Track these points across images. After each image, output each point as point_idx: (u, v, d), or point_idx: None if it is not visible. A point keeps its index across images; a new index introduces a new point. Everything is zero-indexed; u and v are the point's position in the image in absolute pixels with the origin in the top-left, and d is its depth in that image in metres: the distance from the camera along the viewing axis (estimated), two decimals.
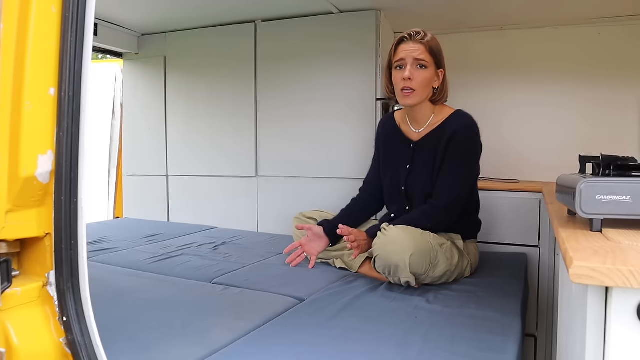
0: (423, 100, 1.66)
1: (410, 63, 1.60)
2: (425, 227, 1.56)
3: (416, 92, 1.62)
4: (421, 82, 1.61)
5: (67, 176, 0.68)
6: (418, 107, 1.68)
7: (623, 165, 0.82)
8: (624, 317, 0.56)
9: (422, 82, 1.61)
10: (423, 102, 1.67)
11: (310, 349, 1.06)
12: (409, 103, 1.64)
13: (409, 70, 1.60)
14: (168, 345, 1.06)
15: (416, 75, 1.61)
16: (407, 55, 1.61)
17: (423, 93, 1.63)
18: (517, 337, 1.14)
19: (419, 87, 1.61)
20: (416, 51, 1.60)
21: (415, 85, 1.61)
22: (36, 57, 0.65)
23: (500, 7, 2.27)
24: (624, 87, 2.33)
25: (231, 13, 2.48)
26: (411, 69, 1.60)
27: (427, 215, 1.62)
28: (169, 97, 2.82)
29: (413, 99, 1.63)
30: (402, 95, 1.64)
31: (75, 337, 0.69)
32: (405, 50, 1.62)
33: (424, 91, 1.63)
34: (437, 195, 1.65)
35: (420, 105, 1.68)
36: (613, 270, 0.54)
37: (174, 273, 1.70)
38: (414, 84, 1.61)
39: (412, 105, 1.66)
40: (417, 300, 1.41)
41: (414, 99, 1.63)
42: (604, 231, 0.79)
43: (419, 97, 1.63)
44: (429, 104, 1.70)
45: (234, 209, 2.68)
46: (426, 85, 1.63)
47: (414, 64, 1.61)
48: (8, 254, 0.67)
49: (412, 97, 1.62)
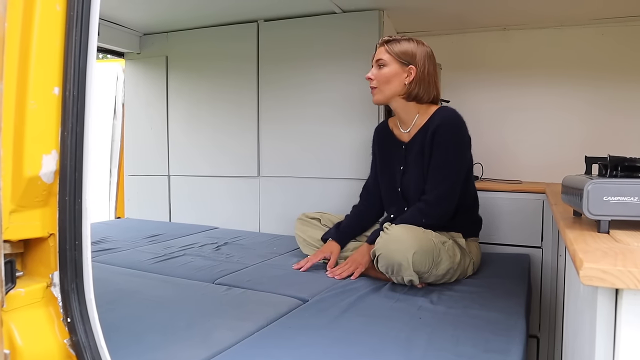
0: (390, 96, 1.72)
1: (374, 65, 1.73)
2: (421, 223, 1.58)
3: (378, 88, 1.72)
4: (380, 78, 1.71)
5: (72, 176, 0.68)
6: (399, 107, 1.74)
7: (631, 166, 0.82)
8: (635, 319, 0.55)
9: (381, 78, 1.70)
10: (394, 99, 1.73)
11: (313, 350, 1.05)
12: (375, 100, 1.75)
13: (371, 72, 1.73)
14: (172, 347, 1.06)
15: (376, 73, 1.72)
16: (373, 60, 1.75)
17: (385, 89, 1.71)
18: (522, 338, 1.14)
19: (379, 84, 1.71)
20: (378, 54, 1.73)
21: (376, 83, 1.72)
22: (40, 56, 0.64)
23: (504, 8, 2.26)
24: (628, 88, 2.32)
25: (233, 13, 2.48)
26: (373, 70, 1.73)
27: (421, 211, 1.63)
28: (170, 97, 2.82)
29: (377, 95, 1.73)
30: (372, 94, 1.76)
31: (80, 338, 0.68)
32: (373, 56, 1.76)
33: (386, 87, 1.71)
34: (428, 191, 1.67)
35: (401, 105, 1.73)
36: (624, 272, 0.53)
37: (176, 273, 1.69)
38: (375, 82, 1.72)
39: (378, 102, 1.77)
40: (421, 300, 1.40)
41: (378, 95, 1.73)
42: (612, 232, 0.78)
43: (381, 93, 1.72)
44: (413, 104, 1.73)
45: (235, 209, 2.67)
46: (385, 80, 1.70)
47: (376, 65, 1.73)
48: (12, 255, 0.67)
49: (376, 94, 1.73)
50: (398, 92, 1.71)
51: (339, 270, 1.67)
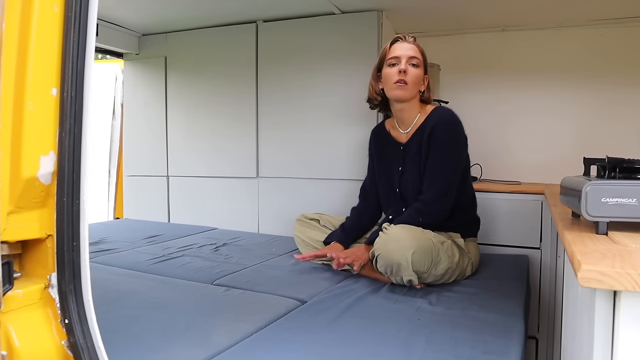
0: (413, 97, 1.71)
1: (406, 60, 1.68)
2: (418, 222, 1.58)
3: (409, 86, 1.67)
4: (414, 77, 1.68)
5: (70, 177, 0.68)
6: (406, 107, 1.73)
7: (629, 168, 0.82)
8: (633, 321, 0.55)
9: (415, 77, 1.68)
10: (412, 101, 1.72)
11: (312, 351, 1.05)
12: (400, 95, 1.69)
13: (405, 65, 1.67)
14: (170, 348, 1.06)
15: (410, 70, 1.68)
16: (403, 53, 1.69)
17: (414, 89, 1.69)
18: (520, 339, 1.14)
19: (411, 82, 1.67)
20: (411, 50, 1.69)
21: (409, 79, 1.67)
22: (38, 56, 0.64)
23: (502, 8, 2.26)
24: (627, 89, 2.32)
25: (232, 13, 2.48)
26: (406, 65, 1.67)
27: (418, 210, 1.64)
28: (169, 98, 2.81)
29: (405, 91, 1.68)
30: (394, 87, 1.69)
31: (77, 339, 0.68)
32: (400, 49, 1.70)
33: (415, 87, 1.70)
34: (425, 190, 1.67)
35: (409, 104, 1.72)
36: (622, 274, 0.53)
37: (175, 274, 1.69)
38: (408, 77, 1.67)
39: (403, 98, 1.70)
40: (420, 301, 1.40)
41: (406, 92, 1.68)
42: (610, 234, 0.78)
43: (409, 91, 1.68)
44: (416, 104, 1.74)
45: (234, 210, 2.67)
46: (417, 82, 1.70)
47: (409, 61, 1.68)
48: (9, 256, 0.66)
49: (404, 89, 1.68)
50: (417, 96, 1.73)
51: (343, 254, 1.66)
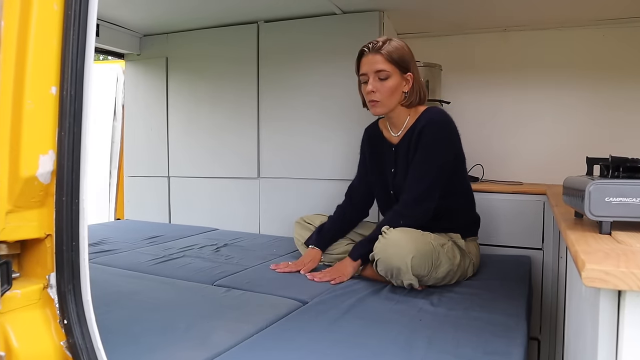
0: (393, 108, 1.68)
1: (372, 76, 1.63)
2: (399, 225, 1.54)
3: (381, 102, 1.64)
4: (385, 92, 1.63)
5: (69, 176, 0.67)
6: (393, 112, 1.71)
7: (632, 167, 0.81)
8: (638, 321, 0.55)
9: (386, 92, 1.64)
10: (395, 108, 1.69)
11: (313, 352, 1.04)
12: (378, 112, 1.69)
13: (371, 84, 1.63)
14: (170, 349, 1.05)
15: (379, 86, 1.63)
16: (368, 69, 1.64)
17: (389, 102, 1.65)
18: (523, 340, 1.13)
19: (383, 98, 1.64)
20: (375, 63, 1.62)
21: (379, 97, 1.63)
22: (37, 55, 0.64)
23: (504, 9, 2.26)
24: (629, 89, 2.32)
25: (233, 14, 2.48)
26: (373, 82, 1.63)
27: (398, 213, 1.62)
28: (170, 98, 2.81)
29: (380, 108, 1.66)
30: (370, 106, 1.69)
31: (76, 340, 0.67)
32: (365, 63, 1.65)
33: (390, 100, 1.65)
34: (406, 191, 1.65)
35: (394, 110, 1.70)
36: (627, 274, 0.52)
37: (175, 275, 1.69)
38: (378, 95, 1.63)
39: (382, 114, 1.70)
40: (421, 302, 1.40)
41: (381, 109, 1.66)
42: (613, 233, 0.77)
43: (385, 107, 1.66)
44: (402, 110, 1.71)
45: (235, 211, 2.66)
46: (391, 94, 1.64)
47: (375, 76, 1.63)
48: (8, 256, 0.66)
49: (379, 107, 1.66)
50: (399, 102, 1.68)
51: (320, 274, 1.64)
